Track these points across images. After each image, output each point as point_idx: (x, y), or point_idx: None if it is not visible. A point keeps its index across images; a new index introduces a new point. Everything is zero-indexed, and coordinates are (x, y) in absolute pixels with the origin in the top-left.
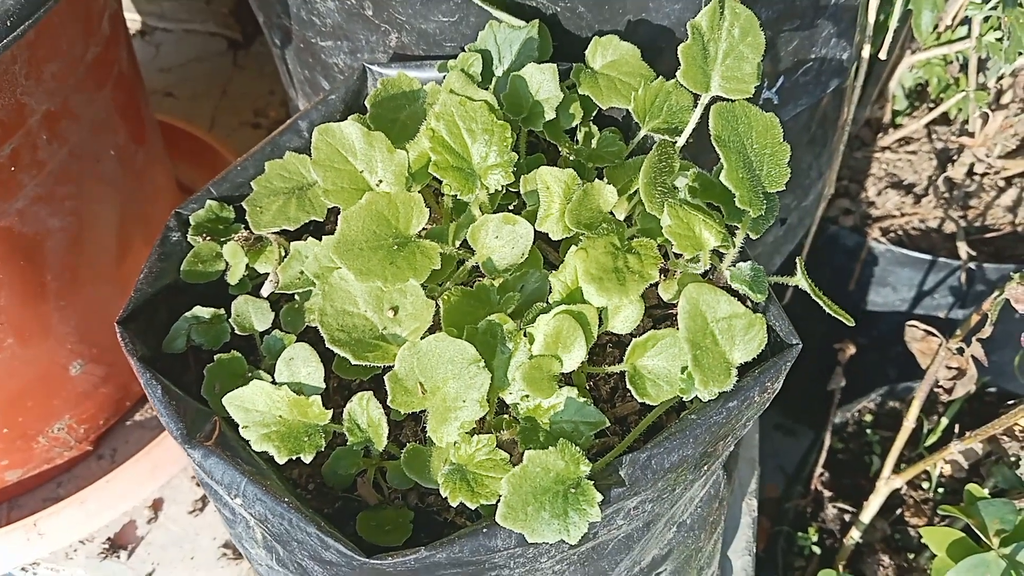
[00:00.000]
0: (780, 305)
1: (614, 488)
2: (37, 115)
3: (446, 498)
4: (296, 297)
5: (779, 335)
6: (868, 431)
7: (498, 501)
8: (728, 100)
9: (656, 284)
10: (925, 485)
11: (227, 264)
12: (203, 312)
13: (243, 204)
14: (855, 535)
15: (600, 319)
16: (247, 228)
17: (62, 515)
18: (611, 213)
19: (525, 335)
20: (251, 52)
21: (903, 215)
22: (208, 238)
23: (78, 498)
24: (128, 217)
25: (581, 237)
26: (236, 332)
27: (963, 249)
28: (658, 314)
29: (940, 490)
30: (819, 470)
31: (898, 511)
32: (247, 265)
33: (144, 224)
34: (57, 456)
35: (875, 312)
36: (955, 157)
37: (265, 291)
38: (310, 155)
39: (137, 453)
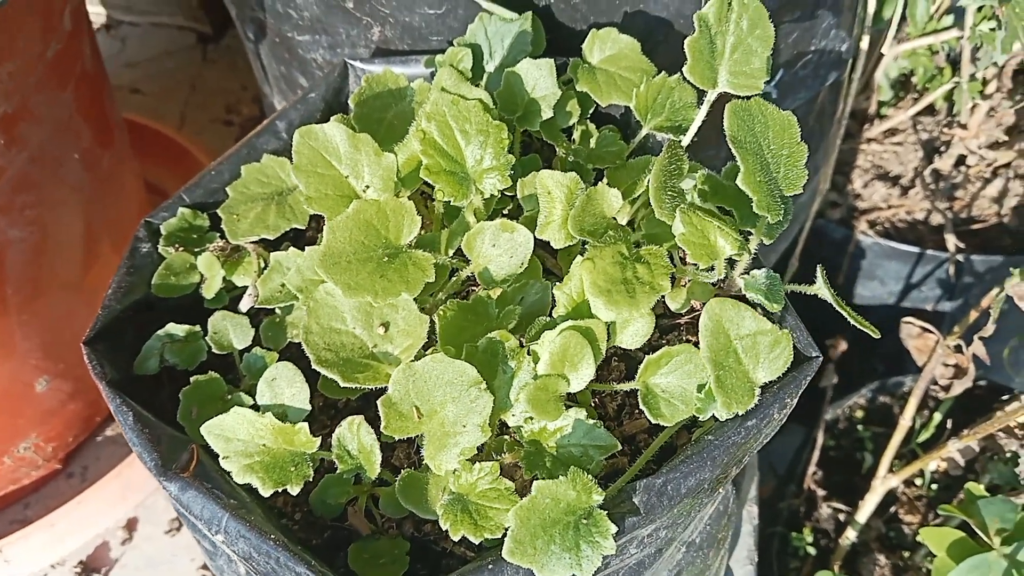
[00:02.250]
0: (797, 315)
1: (628, 517)
2: None
3: (446, 529)
4: (277, 311)
5: (797, 347)
6: (859, 427)
7: (504, 534)
8: (736, 96)
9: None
10: (918, 482)
11: (202, 277)
12: (177, 330)
13: (218, 211)
14: (850, 535)
15: (608, 333)
16: (223, 237)
17: (31, 539)
18: (613, 218)
19: (529, 353)
20: (221, 46)
21: (890, 207)
22: (181, 249)
23: (47, 521)
24: (94, 223)
25: (584, 245)
26: (213, 350)
27: (951, 241)
28: (665, 324)
29: (933, 486)
30: (812, 468)
31: (892, 509)
32: (223, 278)
33: (112, 230)
34: (24, 476)
35: (863, 306)
36: (942, 148)
37: (244, 306)
38: (289, 157)
39: (109, 472)
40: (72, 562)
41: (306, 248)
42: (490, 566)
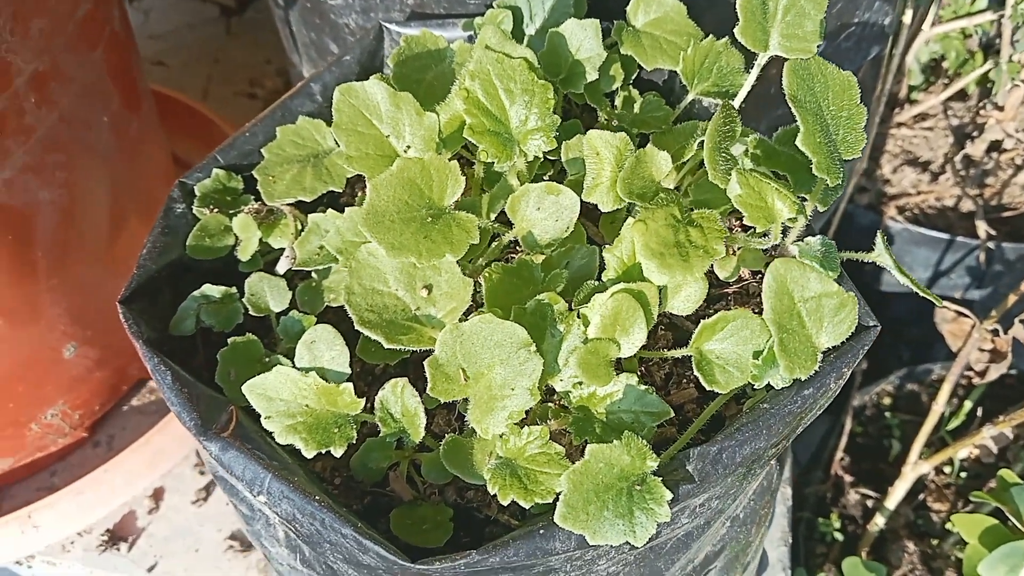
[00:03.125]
0: (852, 283)
1: (682, 485)
2: (24, 75)
3: (493, 495)
4: (313, 275)
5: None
6: (887, 414)
7: (553, 500)
8: (786, 60)
9: None
10: (947, 469)
11: (237, 239)
12: (213, 291)
13: (253, 173)
14: (879, 521)
15: (659, 299)
16: (258, 199)
17: (58, 506)
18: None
19: (578, 316)
20: (245, 19)
21: (919, 193)
22: (215, 210)
23: (74, 488)
24: (122, 191)
25: (631, 210)
26: (249, 313)
27: (982, 228)
28: (712, 294)
29: (963, 475)
30: (839, 455)
31: (920, 496)
32: (260, 240)
33: (139, 199)
34: (51, 444)
35: (890, 293)
36: (973, 134)
37: (281, 268)
38: (324, 120)
39: (136, 440)
40: (99, 530)
41: (345, 210)
42: (541, 531)
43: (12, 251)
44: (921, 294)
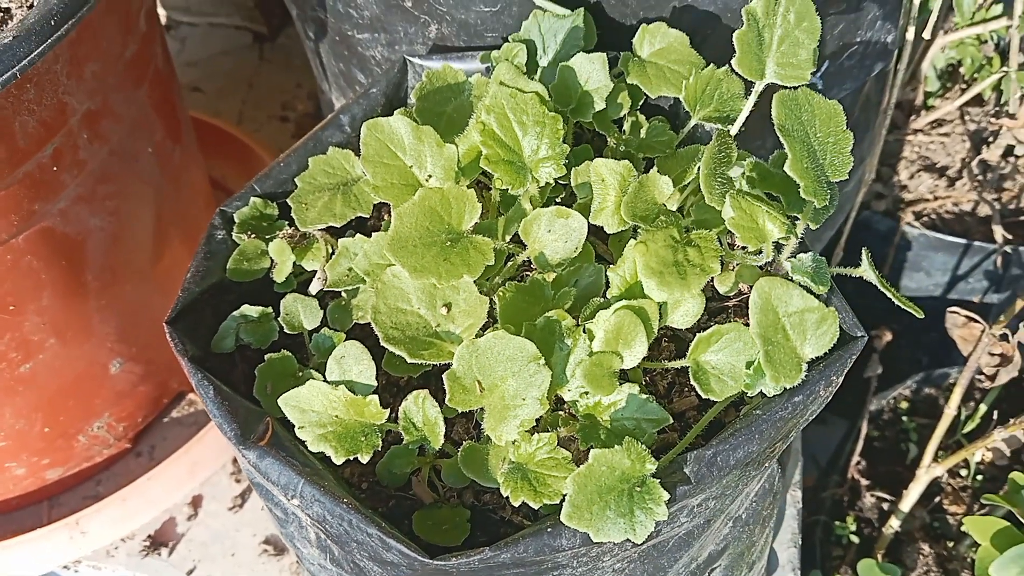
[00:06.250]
0: (842, 296)
1: (679, 486)
2: (78, 114)
3: (506, 497)
4: (343, 294)
5: (843, 327)
6: (904, 419)
7: (561, 500)
8: (783, 87)
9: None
10: (963, 472)
11: (272, 262)
12: (251, 311)
13: (288, 201)
14: (894, 524)
15: (660, 314)
16: (291, 225)
17: (104, 513)
18: (664, 205)
19: (584, 331)
20: (277, 45)
21: (936, 199)
22: (253, 236)
23: (119, 496)
24: (166, 215)
25: (636, 231)
26: (284, 331)
27: (999, 232)
28: (713, 307)
29: (979, 477)
30: (856, 458)
31: (936, 499)
32: (293, 263)
33: (181, 222)
34: (96, 454)
35: (909, 298)
36: (990, 139)
37: (314, 288)
38: (353, 150)
39: (176, 450)
40: (141, 536)
41: (372, 235)
42: (549, 529)
43: (65, 275)
44: (903, 306)
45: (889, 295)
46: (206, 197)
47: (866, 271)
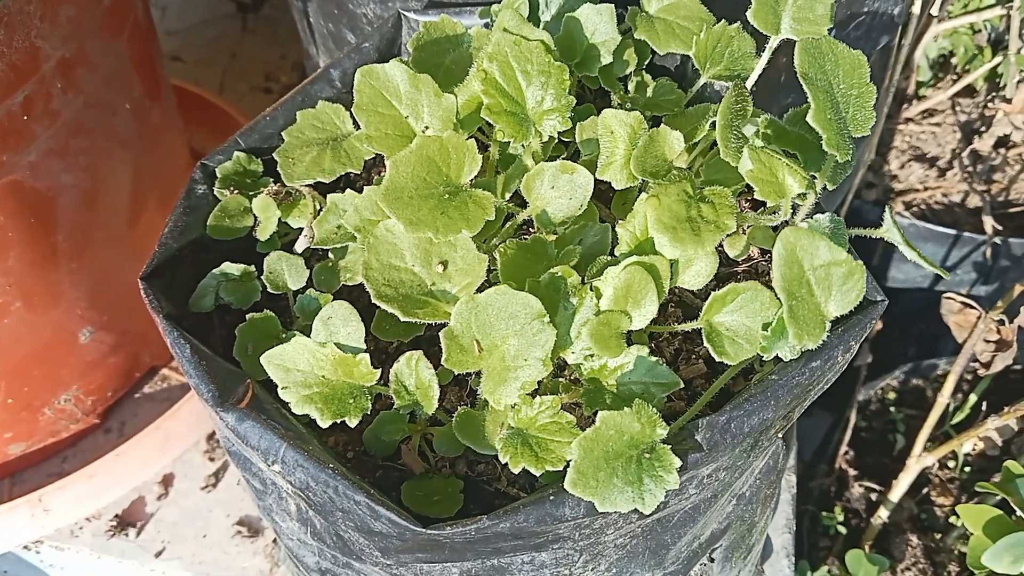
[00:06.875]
0: (860, 258)
1: (691, 453)
2: (52, 61)
3: (503, 466)
4: (330, 255)
5: None
6: (892, 409)
7: (564, 468)
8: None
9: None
10: (951, 464)
11: (256, 220)
12: (232, 269)
13: (274, 155)
14: (882, 514)
15: (670, 273)
16: (277, 182)
17: (69, 490)
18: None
19: (591, 289)
20: (260, 15)
21: (926, 189)
22: (236, 191)
23: (86, 472)
24: (142, 177)
25: (644, 187)
26: (267, 290)
27: (988, 223)
28: (722, 272)
29: (967, 469)
30: (844, 448)
31: (924, 490)
32: (279, 220)
33: (158, 186)
34: (63, 429)
35: (896, 288)
36: (982, 129)
37: (299, 247)
38: (344, 105)
39: (147, 426)
40: (108, 515)
41: (363, 190)
42: (551, 497)
43: (35, 234)
44: (928, 268)
45: (915, 257)
46: (185, 162)
47: (889, 230)
